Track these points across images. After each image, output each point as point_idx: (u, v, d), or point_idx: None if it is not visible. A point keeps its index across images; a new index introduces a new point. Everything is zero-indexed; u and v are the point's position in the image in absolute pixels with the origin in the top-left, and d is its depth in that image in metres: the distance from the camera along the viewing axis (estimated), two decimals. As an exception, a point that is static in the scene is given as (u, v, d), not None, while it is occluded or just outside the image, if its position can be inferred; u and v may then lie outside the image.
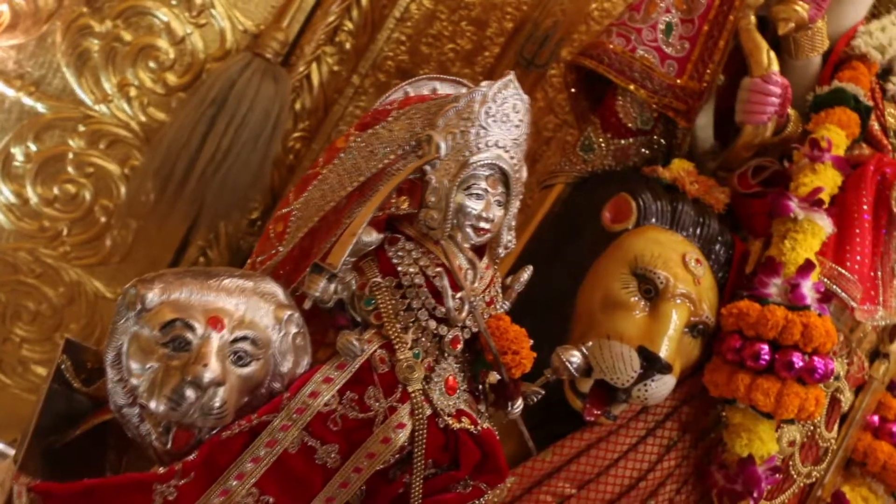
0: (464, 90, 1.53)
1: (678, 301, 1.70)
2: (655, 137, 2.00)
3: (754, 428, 1.74)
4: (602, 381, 1.69)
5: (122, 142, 2.37)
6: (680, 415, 1.81)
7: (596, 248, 1.79)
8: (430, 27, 2.58)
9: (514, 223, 1.50)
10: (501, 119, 1.42)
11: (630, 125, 1.97)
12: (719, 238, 1.82)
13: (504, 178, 1.46)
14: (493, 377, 1.46)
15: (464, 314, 1.41)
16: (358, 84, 2.51)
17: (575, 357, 1.48)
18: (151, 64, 2.33)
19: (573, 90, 2.11)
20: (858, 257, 1.81)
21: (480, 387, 1.50)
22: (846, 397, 1.94)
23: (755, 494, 1.75)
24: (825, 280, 1.77)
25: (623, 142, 1.98)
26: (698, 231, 1.79)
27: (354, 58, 2.50)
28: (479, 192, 1.43)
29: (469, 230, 1.44)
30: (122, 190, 2.40)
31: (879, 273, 1.89)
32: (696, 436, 1.82)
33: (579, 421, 1.77)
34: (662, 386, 1.68)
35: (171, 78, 2.35)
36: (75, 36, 2.27)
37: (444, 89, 1.60)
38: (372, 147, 1.48)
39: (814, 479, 1.95)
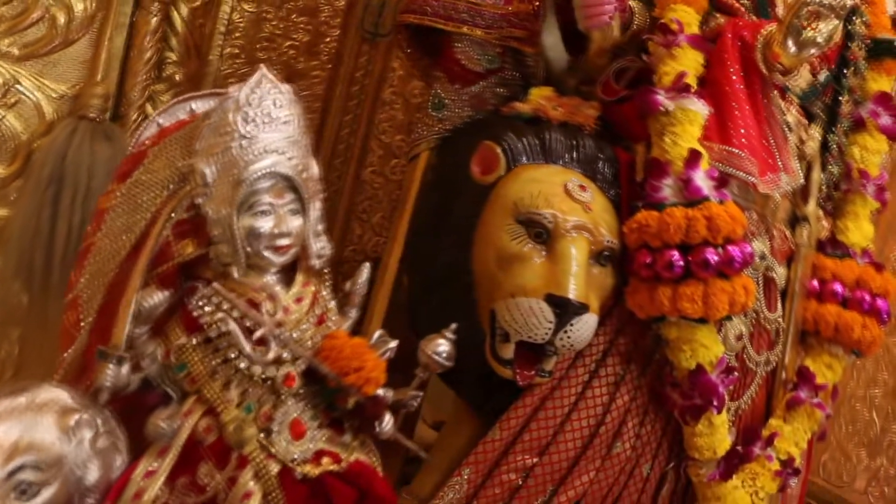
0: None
1: (573, 235, 1.59)
2: (507, 73, 1.88)
3: (693, 337, 1.64)
4: (523, 342, 1.58)
5: (-29, 251, 2.19)
6: (618, 347, 1.71)
7: (475, 207, 1.66)
8: (261, 31, 2.44)
9: (320, 228, 1.36)
10: (264, 121, 1.29)
11: (476, 69, 1.85)
12: (599, 155, 1.70)
13: (290, 183, 1.32)
14: (352, 401, 1.33)
15: (271, 354, 1.26)
16: (204, 113, 2.37)
17: (441, 346, 1.36)
18: (-27, 161, 2.15)
19: (409, 51, 1.98)
20: (743, 130, 1.71)
21: (340, 415, 1.36)
22: (779, 273, 1.86)
23: (716, 403, 1.66)
24: (717, 164, 1.67)
25: (474, 88, 1.85)
26: (574, 155, 1.68)
27: (190, 87, 2.33)
28: (265, 207, 1.30)
29: (268, 253, 1.31)
30: (-11, 301, 2.21)
31: (771, 139, 1.80)
32: (642, 363, 1.72)
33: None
34: (584, 326, 1.57)
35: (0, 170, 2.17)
36: None
37: (201, 107, 1.45)
38: (136, 197, 1.34)
39: (774, 365, 1.87)
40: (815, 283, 1.91)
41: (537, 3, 1.83)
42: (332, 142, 2.58)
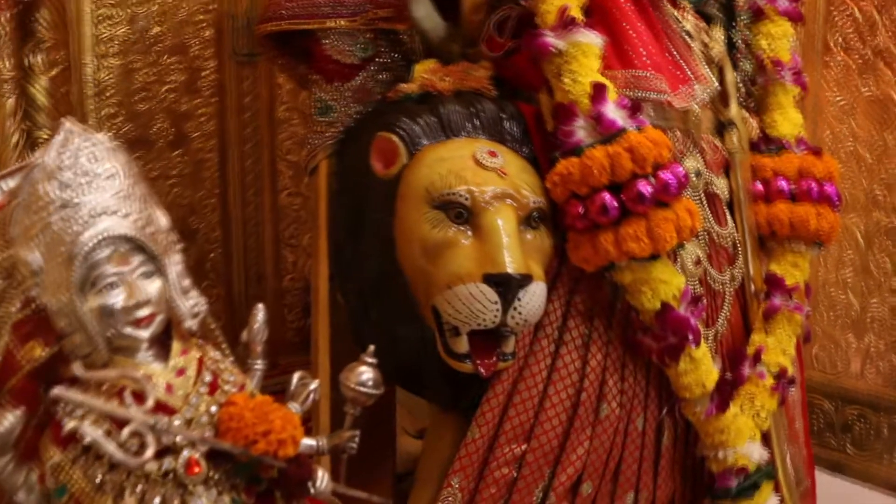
0: None
1: (495, 205, 1.47)
2: (385, 57, 1.76)
3: (650, 276, 1.54)
4: (475, 331, 1.47)
5: None
6: (576, 307, 1.60)
7: (387, 204, 1.54)
8: (133, 83, 2.31)
9: (186, 283, 1.22)
10: (82, 182, 1.13)
11: (351, 61, 1.73)
12: (502, 115, 1.59)
13: (133, 244, 1.17)
14: (275, 469, 1.18)
15: (148, 451, 1.11)
16: (97, 183, 2.21)
17: (365, 374, 1.23)
18: None
19: (281, 63, 1.85)
20: (643, 50, 1.62)
21: (268, 486, 1.21)
22: (719, 185, 1.77)
23: (691, 336, 1.56)
24: (625, 91, 1.57)
25: (356, 81, 1.74)
26: (475, 122, 1.56)
27: (73, 161, 2.19)
28: (111, 279, 1.14)
29: (130, 329, 1.16)
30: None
31: (674, 52, 1.71)
32: (605, 317, 1.62)
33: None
34: (533, 298, 1.46)
35: None
36: None
37: (12, 184, 1.28)
38: None
39: (740, 279, 1.79)
40: (759, 184, 1.83)
41: (397, -23, 1.72)
42: (238, 175, 2.48)
